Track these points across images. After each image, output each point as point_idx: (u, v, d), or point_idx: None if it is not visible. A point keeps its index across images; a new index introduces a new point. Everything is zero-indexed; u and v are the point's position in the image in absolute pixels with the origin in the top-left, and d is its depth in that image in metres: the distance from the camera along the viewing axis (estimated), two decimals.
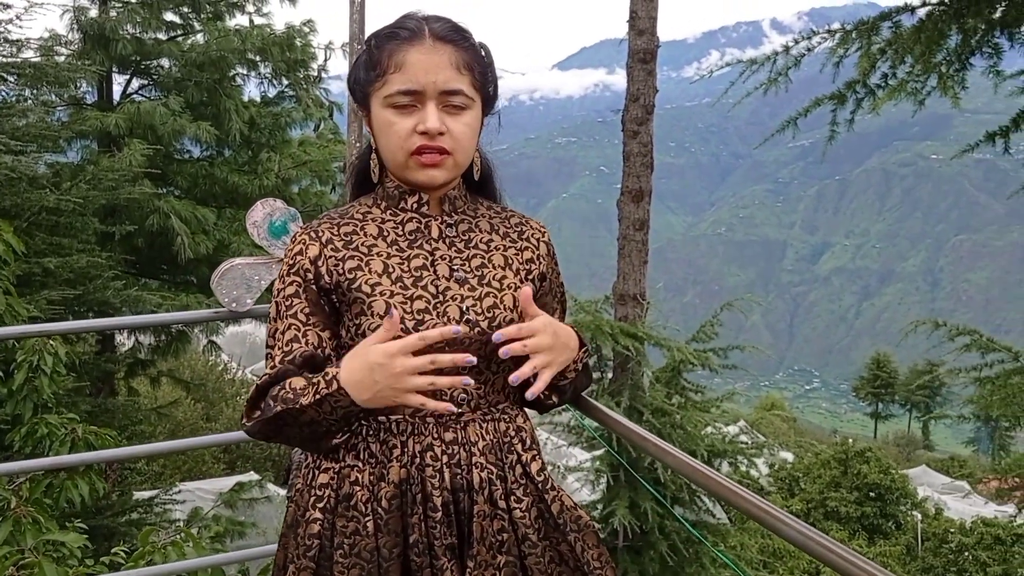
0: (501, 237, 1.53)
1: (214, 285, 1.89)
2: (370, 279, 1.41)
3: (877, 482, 16.78)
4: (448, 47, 1.40)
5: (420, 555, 1.40)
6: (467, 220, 1.51)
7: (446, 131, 1.39)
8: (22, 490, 3.47)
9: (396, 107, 1.39)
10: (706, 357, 6.42)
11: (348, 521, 1.42)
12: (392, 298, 1.40)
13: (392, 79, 1.38)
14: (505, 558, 1.44)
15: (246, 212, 7.75)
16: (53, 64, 7.67)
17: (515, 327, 1.38)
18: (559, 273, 1.63)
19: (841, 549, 1.20)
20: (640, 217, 6.08)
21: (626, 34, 5.47)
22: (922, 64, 3.88)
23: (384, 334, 1.31)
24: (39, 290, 6.10)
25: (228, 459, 14.82)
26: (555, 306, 1.63)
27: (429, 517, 1.41)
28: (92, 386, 8.15)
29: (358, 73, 1.46)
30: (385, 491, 1.41)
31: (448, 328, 1.32)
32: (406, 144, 1.39)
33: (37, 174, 7.00)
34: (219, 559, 2.38)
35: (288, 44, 10.10)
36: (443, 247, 1.47)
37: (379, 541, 1.40)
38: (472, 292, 1.44)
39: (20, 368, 3.74)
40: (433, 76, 1.37)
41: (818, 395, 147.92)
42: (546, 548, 1.48)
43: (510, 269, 1.50)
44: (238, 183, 9.69)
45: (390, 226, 1.47)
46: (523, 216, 1.60)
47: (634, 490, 6.11)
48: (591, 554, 1.53)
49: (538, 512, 1.49)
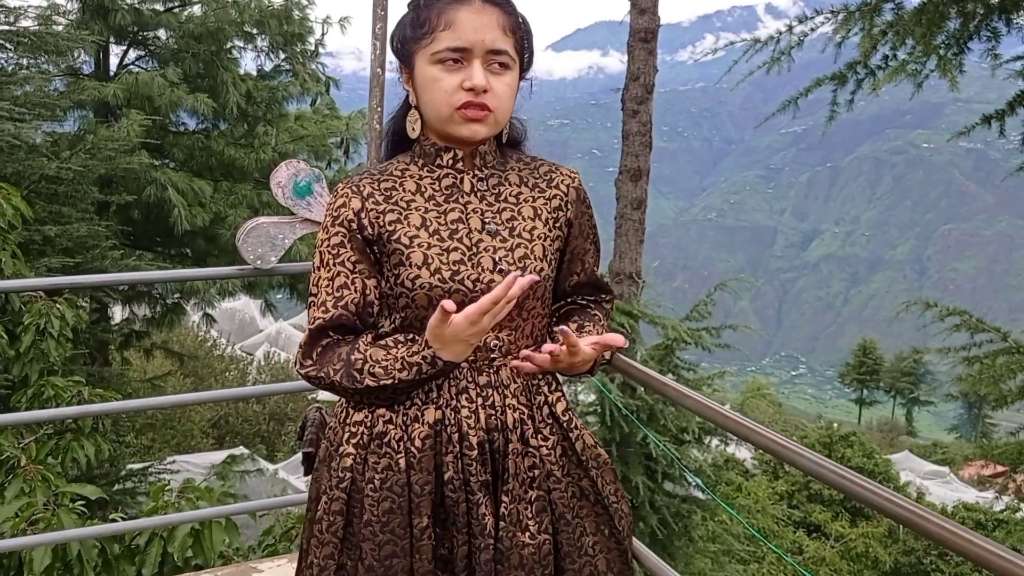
0: (530, 189, 1.59)
1: (239, 243, 1.95)
2: (408, 231, 1.48)
3: (860, 466, 16.95)
4: (496, 10, 1.46)
5: (456, 491, 1.48)
6: (497, 174, 1.57)
7: (490, 89, 1.45)
8: (30, 449, 3.53)
9: (443, 63, 1.44)
10: (699, 336, 6.51)
11: (380, 457, 1.49)
12: (429, 250, 1.47)
13: (441, 36, 1.44)
14: (536, 492, 1.52)
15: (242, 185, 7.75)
16: (52, 33, 7.66)
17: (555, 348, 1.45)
18: (591, 215, 1.69)
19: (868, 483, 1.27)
20: (638, 196, 6.14)
21: (627, 13, 5.50)
22: (923, 46, 3.94)
23: (457, 316, 1.35)
24: (39, 257, 6.13)
25: (217, 434, 14.86)
26: (588, 247, 1.69)
27: (465, 455, 1.48)
28: (88, 355, 8.18)
29: (403, 31, 1.51)
30: (419, 431, 1.48)
31: (511, 284, 1.34)
32: (452, 99, 1.45)
33: (36, 142, 7.00)
34: (233, 508, 2.45)
35: (286, 17, 10.10)
36: (475, 201, 1.53)
37: (411, 477, 1.48)
38: (504, 244, 1.51)
39: (27, 330, 3.79)
40: (481, 35, 1.43)
41: (804, 381, 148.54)
42: (569, 484, 1.57)
43: (539, 219, 1.56)
44: (235, 156, 9.70)
45: (427, 182, 1.53)
46: (553, 164, 1.65)
47: (625, 464, 6.20)
48: (609, 489, 1.63)
49: (562, 450, 1.57)
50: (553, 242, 1.58)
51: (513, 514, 1.49)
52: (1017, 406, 5.12)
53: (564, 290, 1.70)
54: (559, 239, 1.60)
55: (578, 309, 1.72)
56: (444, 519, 1.50)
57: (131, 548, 2.70)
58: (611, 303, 1.77)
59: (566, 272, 1.67)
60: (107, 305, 9.83)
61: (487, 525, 1.47)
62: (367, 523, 1.48)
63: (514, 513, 1.49)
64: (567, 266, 1.67)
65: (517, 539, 1.49)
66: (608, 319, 1.75)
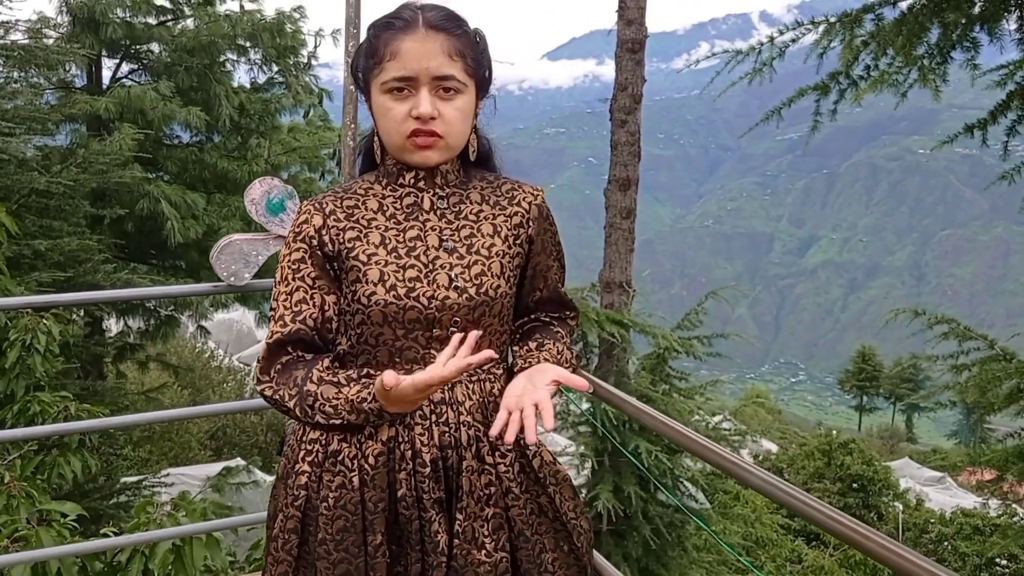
0: (491, 206, 1.60)
1: (213, 259, 1.95)
2: (367, 249, 1.50)
3: (860, 473, 16.94)
4: (441, 35, 1.46)
5: (408, 508, 1.48)
6: (459, 192, 1.58)
7: (438, 116, 1.46)
8: (14, 466, 3.52)
9: (392, 92, 1.46)
10: (691, 345, 6.50)
11: (334, 475, 1.50)
12: (386, 267, 1.49)
13: (388, 66, 1.45)
14: (493, 510, 1.52)
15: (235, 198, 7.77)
16: (42, 47, 7.67)
17: (506, 415, 1.40)
18: (555, 232, 1.69)
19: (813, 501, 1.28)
20: (627, 205, 6.14)
21: (615, 24, 5.52)
22: (903, 56, 3.97)
23: (404, 382, 1.31)
24: (29, 272, 6.13)
25: (215, 446, 14.82)
26: (551, 263, 1.69)
27: (418, 472, 1.49)
28: (81, 369, 8.18)
29: (359, 60, 1.53)
30: (372, 448, 1.49)
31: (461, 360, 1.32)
32: (401, 128, 1.47)
33: (27, 156, 7.01)
34: (214, 524, 2.44)
35: (278, 30, 10.12)
36: (434, 219, 1.54)
37: (364, 495, 1.48)
38: (460, 260, 1.52)
39: (13, 346, 3.79)
40: (425, 63, 1.44)
41: (803, 388, 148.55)
42: (527, 500, 1.57)
43: (498, 236, 1.57)
44: (228, 169, 9.72)
45: (389, 201, 1.55)
46: (516, 182, 1.66)
47: (618, 474, 6.19)
48: (568, 505, 1.62)
49: (520, 467, 1.57)
50: (513, 259, 1.58)
51: (468, 531, 1.49)
52: (1015, 411, 5.14)
53: (527, 306, 1.71)
54: (519, 256, 1.60)
55: (540, 326, 1.72)
56: (399, 537, 1.50)
57: (112, 565, 2.70)
58: (575, 319, 1.77)
59: (528, 288, 1.68)
60: (101, 318, 9.83)
61: (440, 543, 1.48)
62: (321, 541, 1.49)
63: (469, 531, 1.49)
64: (529, 282, 1.67)
65: (472, 557, 1.49)
66: (572, 335, 1.75)
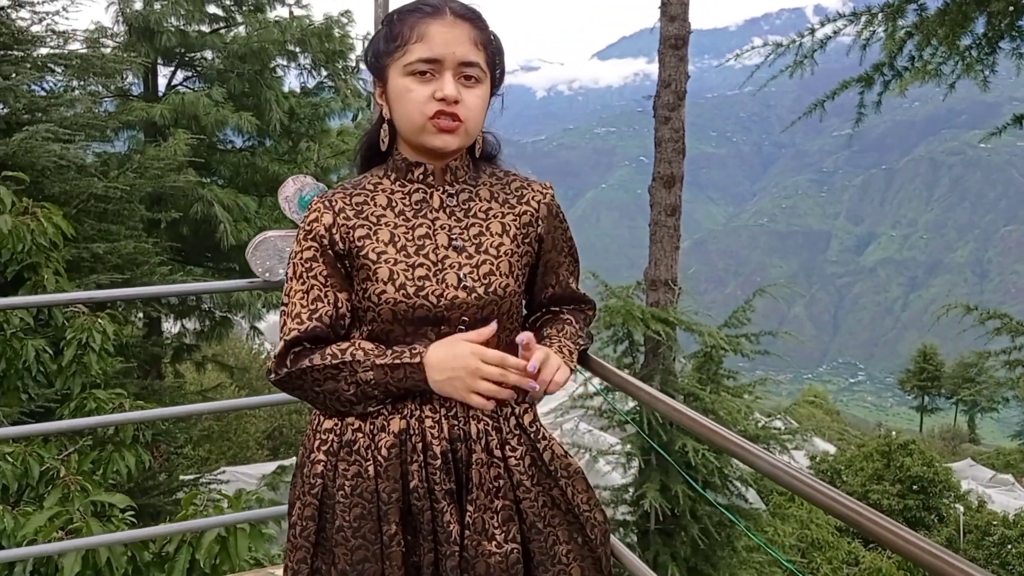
0: (500, 204, 1.61)
1: (248, 256, 2.00)
2: (376, 247, 1.52)
3: (920, 475, 16.55)
4: (467, 24, 1.49)
5: (421, 499, 1.51)
6: (468, 189, 1.59)
7: (461, 100, 1.48)
8: (70, 461, 3.63)
9: (415, 74, 1.48)
10: (738, 343, 6.44)
11: (350, 464, 1.53)
12: (396, 265, 1.50)
13: (413, 48, 1.47)
14: (502, 502, 1.54)
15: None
16: (99, 56, 7.88)
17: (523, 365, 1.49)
18: (566, 228, 1.70)
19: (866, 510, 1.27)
20: (671, 203, 6.11)
21: (658, 20, 5.50)
22: (947, 47, 3.87)
23: (477, 336, 1.46)
24: (88, 274, 6.31)
25: (271, 445, 15.10)
26: (562, 260, 1.71)
27: (429, 464, 1.51)
28: (140, 368, 8.39)
29: (377, 46, 1.54)
30: (385, 440, 1.52)
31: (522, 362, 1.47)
32: (425, 109, 1.48)
33: (85, 162, 7.21)
34: (259, 513, 2.50)
35: (327, 35, 10.28)
36: (444, 217, 1.56)
37: (379, 485, 1.51)
38: (469, 260, 1.54)
39: (69, 345, 3.92)
40: (453, 47, 1.47)
41: (863, 388, 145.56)
42: (539, 493, 1.58)
43: (507, 235, 1.58)
44: (278, 172, 9.90)
45: (398, 196, 1.56)
46: (525, 179, 1.67)
47: (665, 473, 6.16)
48: (581, 498, 1.63)
49: (531, 460, 1.59)
50: (521, 258, 1.60)
51: (478, 523, 1.52)
52: None
53: (540, 302, 1.73)
54: (528, 254, 1.62)
55: (551, 318, 1.74)
56: (413, 527, 1.53)
57: (160, 555, 2.78)
58: (593, 311, 1.79)
59: (540, 285, 1.70)
60: (159, 320, 10.08)
61: (452, 533, 1.50)
62: (339, 528, 1.52)
63: (479, 522, 1.52)
64: (540, 279, 1.69)
65: (483, 548, 1.51)
66: (586, 325, 1.76)
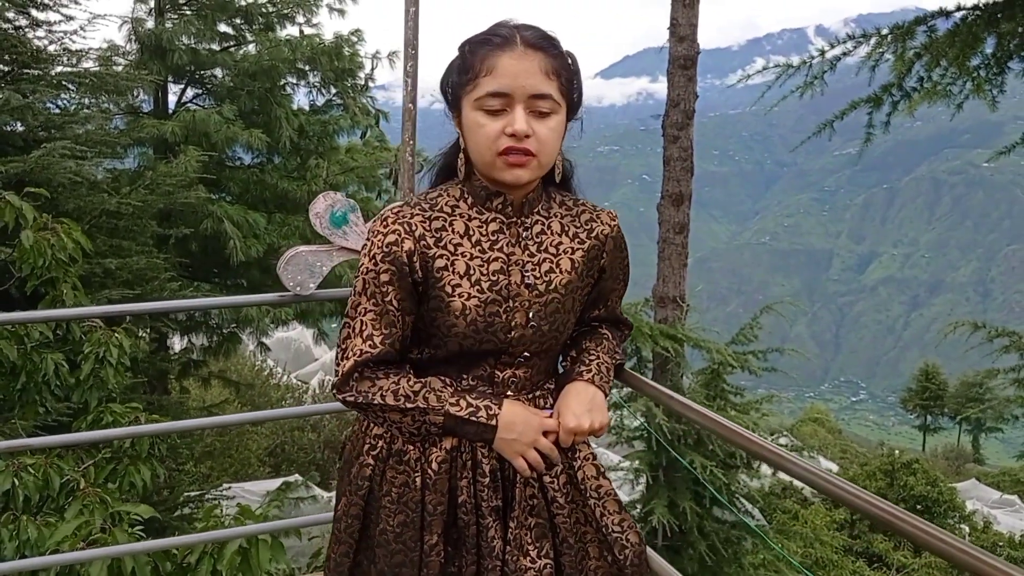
0: (570, 239, 1.62)
1: (280, 270, 2.05)
2: (452, 280, 1.53)
3: (924, 494, 16.50)
4: (538, 54, 1.47)
5: (468, 514, 1.56)
6: (540, 222, 1.61)
7: (532, 134, 1.47)
8: (89, 473, 3.67)
9: (486, 110, 1.47)
10: (745, 360, 6.47)
11: (398, 474, 1.58)
12: (469, 300, 1.53)
13: (483, 82, 1.46)
14: (536, 519, 1.59)
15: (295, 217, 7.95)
16: (112, 74, 7.95)
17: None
18: (626, 257, 1.75)
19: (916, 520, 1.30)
20: (680, 221, 6.16)
21: (667, 41, 5.57)
22: (957, 67, 3.92)
23: (551, 423, 1.58)
24: (99, 290, 6.36)
25: (273, 462, 15.08)
26: (616, 287, 1.76)
27: (478, 481, 1.56)
28: (147, 384, 8.43)
29: (451, 76, 1.54)
30: (436, 455, 1.56)
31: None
32: (495, 145, 1.47)
33: (97, 179, 7.28)
34: (282, 524, 2.54)
35: (336, 53, 10.36)
36: (518, 252, 1.57)
37: (425, 497, 1.56)
38: (539, 298, 1.57)
39: (87, 359, 3.96)
40: (523, 80, 1.45)
41: (865, 407, 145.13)
42: (572, 511, 1.64)
43: (575, 272, 1.62)
44: (287, 189, 9.97)
45: (475, 224, 1.57)
46: (594, 210, 1.68)
47: (673, 489, 6.18)
48: (612, 519, 1.66)
49: (567, 478, 1.65)
50: (584, 290, 1.65)
51: (517, 539, 1.57)
52: None
53: (583, 320, 1.76)
54: (589, 285, 1.66)
55: (588, 331, 1.78)
56: (455, 539, 1.57)
57: (182, 566, 2.81)
58: (629, 331, 1.84)
59: (589, 306, 1.74)
60: (166, 335, 10.12)
61: (495, 548, 1.55)
62: (382, 531, 1.57)
63: (517, 538, 1.57)
64: (591, 303, 1.73)
65: (520, 563, 1.56)
66: (621, 342, 1.81)
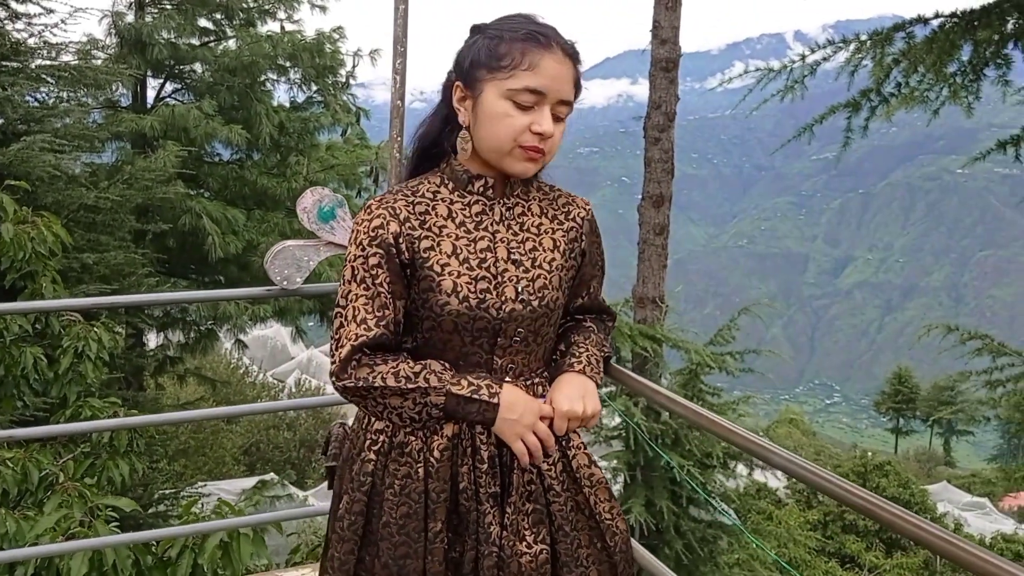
0: (550, 220, 1.69)
1: (267, 264, 2.06)
2: (440, 259, 1.56)
3: (896, 496, 16.69)
4: (571, 63, 1.56)
5: (468, 500, 1.59)
6: (521, 203, 1.67)
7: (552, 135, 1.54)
8: (68, 468, 3.65)
9: (516, 102, 1.51)
10: (723, 360, 6.53)
11: (400, 465, 1.60)
12: (459, 278, 1.56)
13: (522, 75, 1.50)
14: (533, 506, 1.63)
15: (274, 214, 7.94)
16: (91, 67, 7.90)
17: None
18: (600, 243, 1.80)
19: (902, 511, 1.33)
20: (660, 222, 6.22)
21: (649, 43, 5.62)
22: (934, 74, 3.99)
23: (548, 409, 1.61)
24: (77, 284, 6.32)
25: (248, 461, 14.99)
26: (595, 273, 1.80)
27: (477, 468, 1.59)
28: (123, 380, 8.37)
29: (478, 56, 1.55)
30: (438, 443, 1.59)
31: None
32: (520, 138, 1.52)
33: (75, 173, 7.23)
34: (264, 517, 2.55)
35: (318, 50, 10.34)
36: (503, 230, 1.62)
37: (428, 485, 1.58)
38: (526, 274, 1.61)
39: (66, 353, 3.94)
40: (558, 85, 1.53)
41: (839, 409, 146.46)
42: (568, 498, 1.67)
43: (558, 251, 1.67)
44: (267, 185, 9.93)
45: (458, 207, 1.60)
46: (569, 196, 1.75)
47: (650, 489, 6.22)
48: (603, 507, 1.71)
49: (563, 466, 1.68)
50: (568, 271, 1.69)
51: (513, 524, 1.60)
52: None
53: (568, 310, 1.80)
54: (573, 268, 1.71)
55: (574, 325, 1.82)
56: (457, 525, 1.60)
57: (163, 560, 2.81)
58: (613, 321, 1.88)
59: (572, 295, 1.77)
60: (142, 331, 10.05)
61: (492, 534, 1.58)
62: (385, 524, 1.59)
63: (514, 524, 1.60)
64: (574, 290, 1.77)
65: (516, 548, 1.59)
66: (607, 335, 1.85)
